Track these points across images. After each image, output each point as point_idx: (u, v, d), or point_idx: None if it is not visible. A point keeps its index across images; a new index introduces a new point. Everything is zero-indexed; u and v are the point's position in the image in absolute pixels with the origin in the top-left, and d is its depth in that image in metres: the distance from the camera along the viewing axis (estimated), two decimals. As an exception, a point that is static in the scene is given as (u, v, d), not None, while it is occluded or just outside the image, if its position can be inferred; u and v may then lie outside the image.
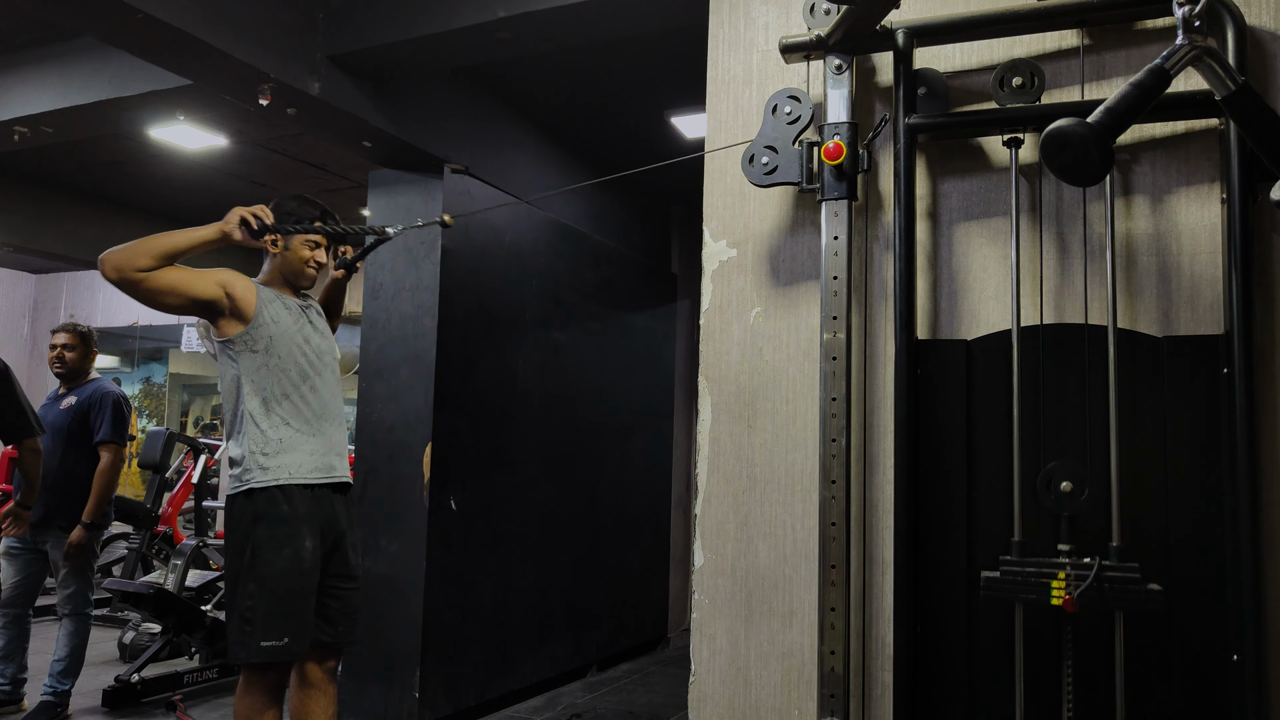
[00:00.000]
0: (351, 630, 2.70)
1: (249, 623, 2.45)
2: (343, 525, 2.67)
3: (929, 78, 2.39)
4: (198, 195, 6.71)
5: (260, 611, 2.45)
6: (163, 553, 6.43)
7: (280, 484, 2.53)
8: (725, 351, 2.63)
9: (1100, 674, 2.09)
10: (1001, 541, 2.17)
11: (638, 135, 5.00)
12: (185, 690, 4.33)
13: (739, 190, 2.64)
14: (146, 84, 3.76)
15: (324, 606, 2.62)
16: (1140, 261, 2.24)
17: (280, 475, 2.54)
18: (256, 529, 2.50)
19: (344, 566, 2.68)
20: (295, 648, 2.49)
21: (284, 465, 2.55)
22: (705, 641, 2.56)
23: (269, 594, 2.46)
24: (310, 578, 2.54)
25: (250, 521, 2.51)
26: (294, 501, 2.54)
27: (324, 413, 2.67)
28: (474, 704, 4.18)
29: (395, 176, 4.18)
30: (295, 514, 2.53)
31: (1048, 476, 2.12)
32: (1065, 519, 2.10)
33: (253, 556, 2.48)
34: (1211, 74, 1.68)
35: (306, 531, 2.54)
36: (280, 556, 2.49)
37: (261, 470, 2.54)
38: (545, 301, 4.74)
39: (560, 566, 4.84)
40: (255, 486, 2.52)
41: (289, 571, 2.49)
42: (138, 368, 9.28)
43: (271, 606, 2.46)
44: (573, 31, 3.27)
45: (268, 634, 2.45)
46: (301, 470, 2.57)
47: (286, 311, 2.66)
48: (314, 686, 2.64)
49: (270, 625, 2.45)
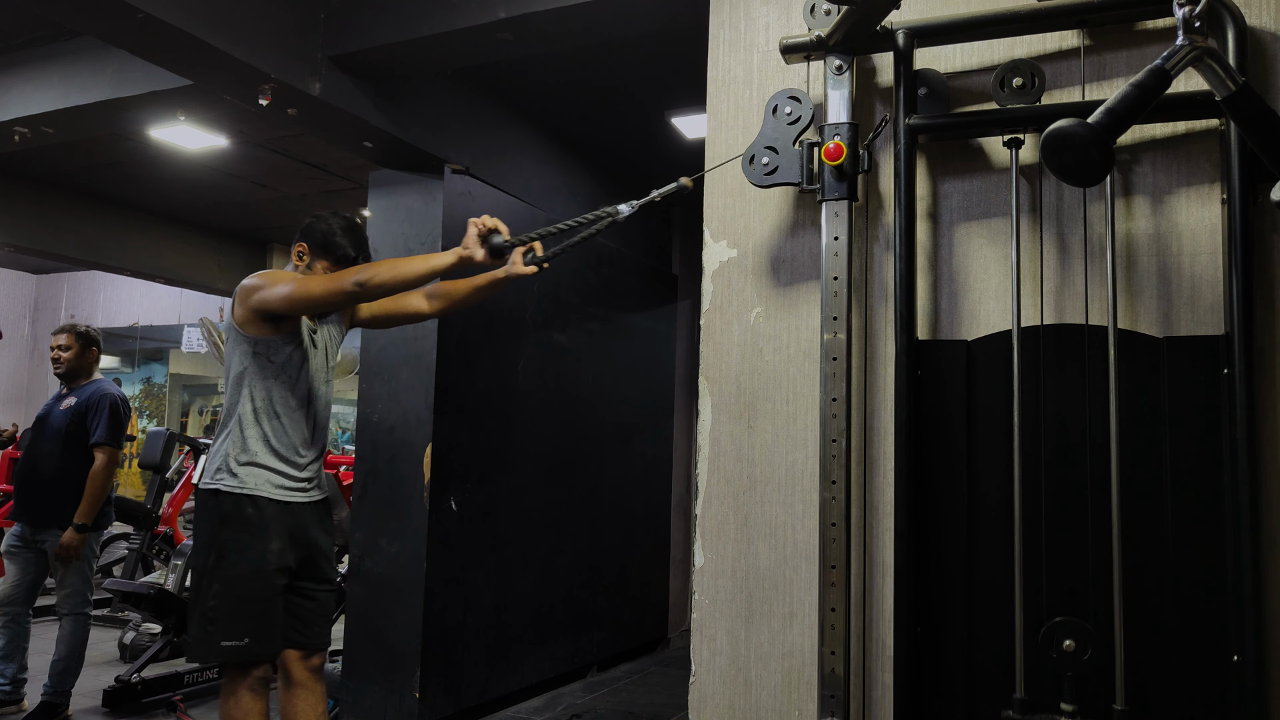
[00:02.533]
0: (325, 633, 2.72)
1: (211, 622, 2.47)
2: (314, 532, 2.67)
3: (929, 78, 2.39)
4: (198, 195, 6.72)
5: (222, 612, 2.47)
6: (163, 553, 6.44)
7: (247, 493, 2.54)
8: (725, 352, 2.63)
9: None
10: (1001, 541, 2.17)
11: (638, 136, 5.00)
12: (186, 690, 4.33)
13: (739, 191, 2.64)
14: (147, 84, 3.76)
15: (297, 607, 2.63)
16: (1141, 262, 2.24)
17: (247, 486, 2.54)
18: (222, 531, 2.51)
19: (315, 570, 2.68)
20: (257, 648, 2.50)
21: (254, 479, 2.55)
22: (705, 642, 2.55)
23: (232, 595, 2.48)
24: (275, 580, 2.54)
25: (216, 523, 2.52)
26: (260, 507, 2.55)
27: (310, 442, 2.67)
28: (474, 704, 4.18)
29: (396, 177, 4.18)
30: (262, 517, 2.54)
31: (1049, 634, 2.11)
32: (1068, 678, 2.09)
33: (218, 558, 2.50)
34: (1212, 75, 1.68)
35: (274, 533, 2.54)
36: (245, 559, 2.50)
37: (231, 475, 2.55)
38: (546, 302, 4.74)
39: (560, 567, 4.84)
40: (222, 489, 2.54)
41: (252, 574, 2.50)
42: (138, 368, 9.29)
43: (234, 607, 2.48)
44: (573, 32, 3.27)
45: (229, 634, 2.46)
46: (268, 489, 2.57)
47: (307, 334, 2.68)
48: (301, 685, 2.65)
49: (232, 626, 2.47)
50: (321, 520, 2.72)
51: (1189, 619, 2.06)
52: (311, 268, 2.69)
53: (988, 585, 2.20)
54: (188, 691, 4.33)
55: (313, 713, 2.65)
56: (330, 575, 2.73)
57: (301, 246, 2.71)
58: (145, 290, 8.90)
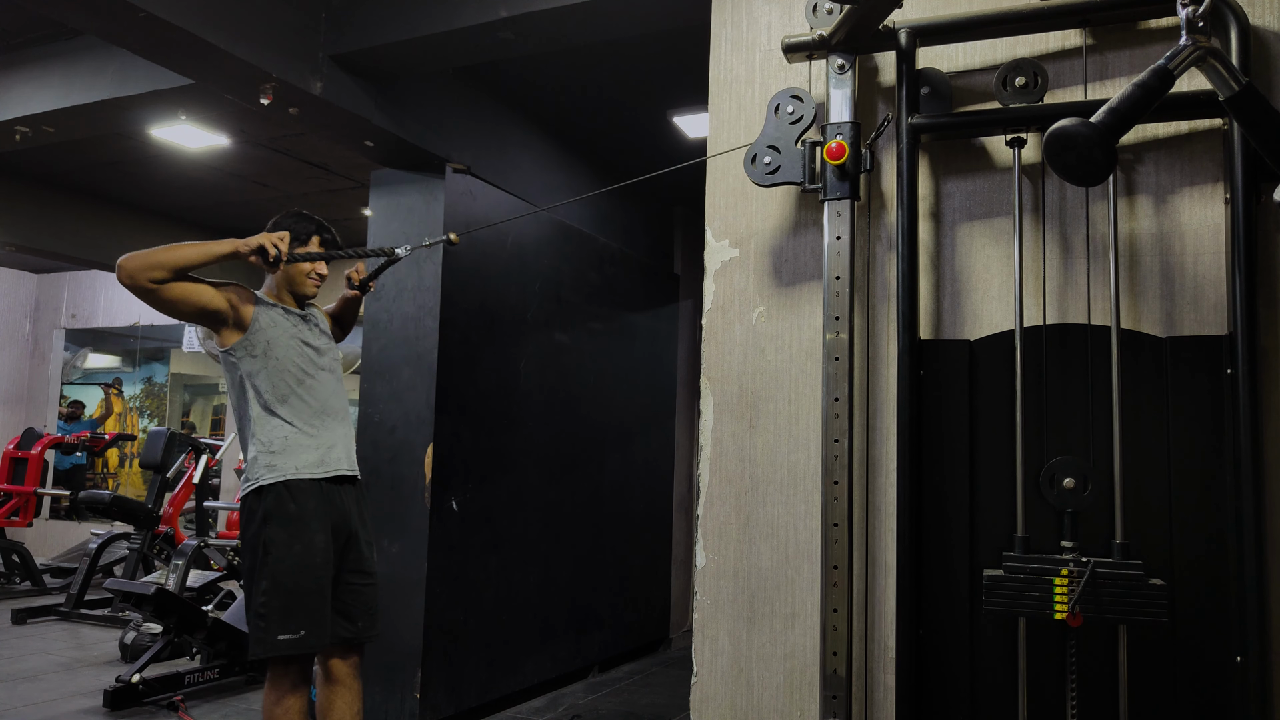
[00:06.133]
0: (372, 625, 2.76)
1: (264, 619, 2.52)
2: (354, 524, 2.73)
3: (932, 77, 2.39)
4: (199, 195, 6.71)
5: (274, 607, 2.52)
6: (164, 553, 6.43)
7: (287, 480, 2.60)
8: (727, 352, 2.62)
9: (1105, 674, 2.09)
10: (1004, 542, 2.16)
11: (640, 135, 5.00)
12: (186, 690, 4.32)
13: (741, 190, 2.64)
14: (148, 83, 3.76)
15: (341, 603, 2.68)
16: (1143, 262, 2.23)
17: (287, 471, 2.61)
18: (267, 527, 2.57)
19: (359, 562, 2.74)
20: (312, 640, 2.55)
21: (289, 462, 2.62)
22: (707, 642, 2.55)
23: (282, 590, 2.53)
24: (323, 572, 2.60)
25: (261, 521, 2.58)
26: (302, 498, 2.60)
27: (325, 410, 2.73)
28: (475, 704, 4.18)
29: (397, 176, 4.18)
30: (304, 511, 2.59)
31: (1050, 472, 2.12)
32: (1068, 515, 2.09)
33: (264, 554, 2.56)
34: (1215, 74, 1.68)
35: (317, 527, 2.60)
36: (291, 553, 2.56)
37: (269, 469, 2.61)
38: (548, 302, 4.73)
39: (562, 567, 4.84)
40: (264, 484, 2.60)
41: (300, 567, 2.56)
42: (139, 368, 9.29)
43: (285, 601, 2.53)
44: (575, 31, 3.27)
45: (284, 628, 2.52)
46: (307, 466, 2.64)
47: (284, 317, 2.74)
48: (339, 683, 2.70)
49: (286, 620, 2.52)
50: (361, 509, 2.79)
51: (1195, 624, 2.06)
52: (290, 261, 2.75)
53: (990, 586, 2.19)
54: (188, 691, 4.32)
55: (349, 710, 2.70)
56: (371, 566, 2.78)
57: None
58: (146, 290, 8.90)
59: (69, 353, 9.54)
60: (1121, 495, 2.07)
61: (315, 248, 2.79)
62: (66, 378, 9.52)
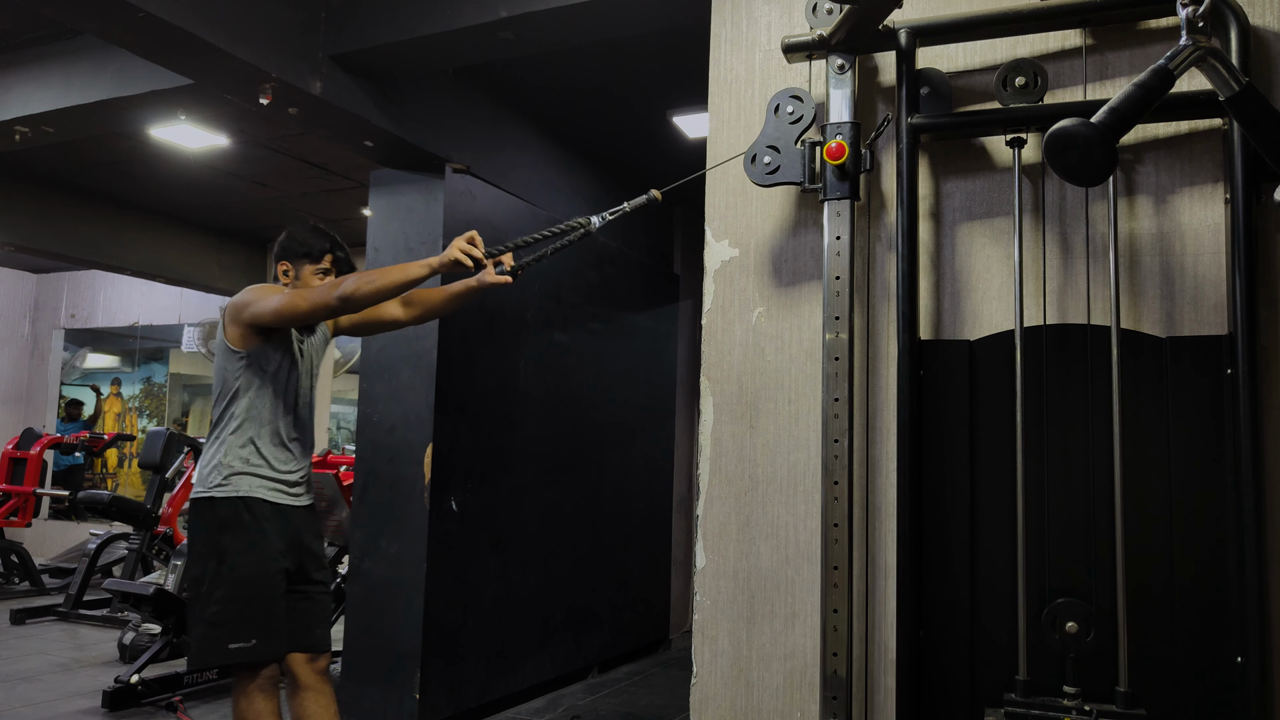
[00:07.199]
0: (326, 635, 2.75)
1: (217, 626, 2.50)
2: (306, 539, 2.72)
3: (932, 77, 2.38)
4: (199, 195, 6.71)
5: (228, 615, 2.51)
6: (163, 553, 6.42)
7: (242, 497, 2.59)
8: (727, 352, 2.62)
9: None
10: (1004, 544, 2.16)
11: (640, 135, 4.99)
12: (185, 691, 4.32)
13: (741, 190, 2.64)
14: (148, 83, 3.76)
15: (297, 610, 2.66)
16: (1144, 262, 2.23)
17: (241, 490, 2.60)
18: (222, 537, 2.56)
19: (308, 575, 2.72)
20: (264, 649, 2.54)
21: (247, 484, 2.61)
22: (707, 643, 2.55)
23: (236, 598, 2.52)
24: (276, 580, 2.59)
25: (216, 529, 2.57)
26: (259, 509, 2.60)
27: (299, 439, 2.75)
28: (475, 705, 4.17)
29: (396, 176, 4.18)
30: (259, 520, 2.59)
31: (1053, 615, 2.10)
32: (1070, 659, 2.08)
33: (219, 562, 2.54)
34: (1215, 74, 1.68)
35: (273, 535, 2.60)
36: (247, 561, 2.55)
37: (224, 482, 2.60)
38: (547, 302, 4.73)
39: (561, 568, 4.84)
40: (217, 496, 2.59)
41: (255, 576, 2.55)
42: (138, 368, 9.28)
43: (239, 609, 2.52)
44: (575, 31, 3.27)
45: (235, 636, 2.50)
46: (262, 492, 2.63)
47: (295, 344, 2.75)
48: (309, 688, 2.68)
49: (239, 628, 2.51)
50: (312, 526, 2.78)
51: (1193, 623, 2.05)
52: (300, 277, 2.76)
53: (991, 587, 2.19)
54: (188, 692, 4.32)
55: (324, 713, 2.69)
56: (323, 579, 2.77)
57: (284, 265, 2.79)
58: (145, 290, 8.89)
59: (68, 353, 9.54)
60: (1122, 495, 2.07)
61: (327, 265, 2.77)
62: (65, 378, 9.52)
